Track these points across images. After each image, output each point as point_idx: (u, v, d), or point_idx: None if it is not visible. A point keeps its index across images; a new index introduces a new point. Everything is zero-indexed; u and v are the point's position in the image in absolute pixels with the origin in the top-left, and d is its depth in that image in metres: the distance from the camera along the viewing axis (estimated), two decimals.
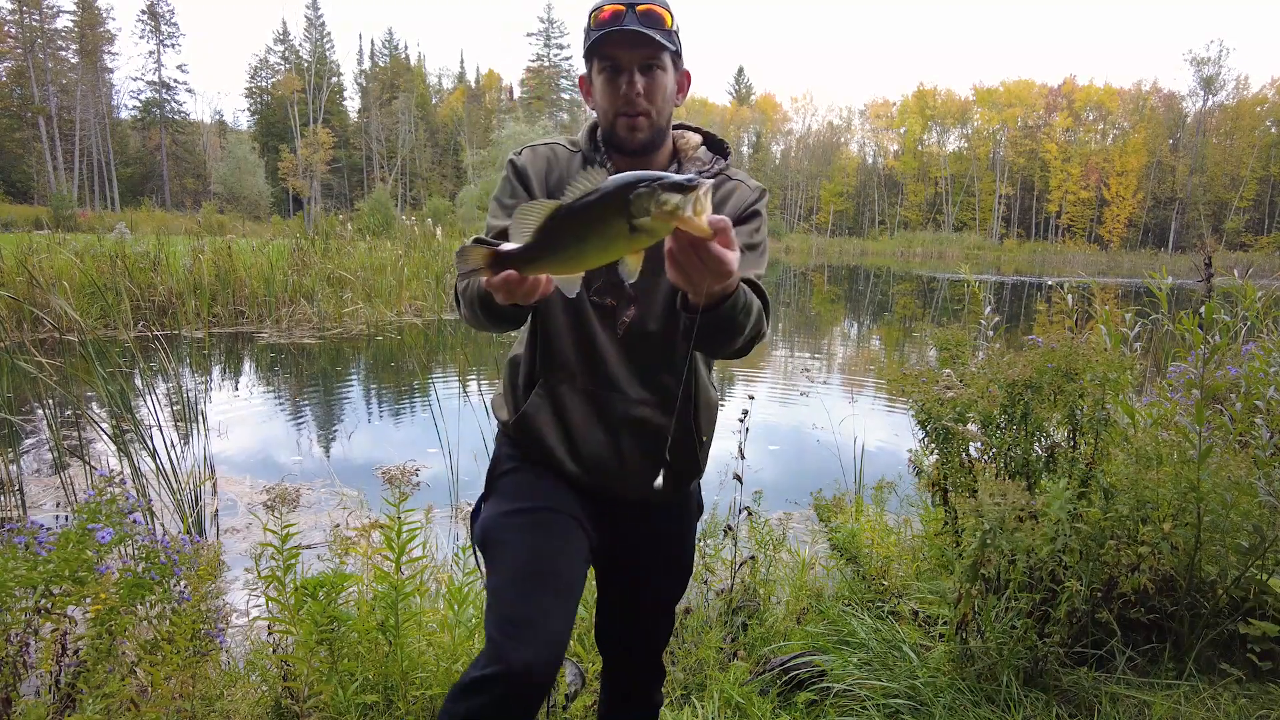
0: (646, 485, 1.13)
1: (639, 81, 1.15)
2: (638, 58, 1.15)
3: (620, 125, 1.19)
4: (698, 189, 0.75)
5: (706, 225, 0.77)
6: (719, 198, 1.24)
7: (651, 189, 0.75)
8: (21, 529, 1.58)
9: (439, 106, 64.15)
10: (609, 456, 1.25)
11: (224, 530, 3.48)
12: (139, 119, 52.63)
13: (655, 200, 0.75)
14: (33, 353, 3.70)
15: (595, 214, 0.78)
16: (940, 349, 2.53)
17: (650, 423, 1.25)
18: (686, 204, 0.75)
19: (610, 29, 1.13)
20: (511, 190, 1.25)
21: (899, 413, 5.48)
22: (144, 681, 1.72)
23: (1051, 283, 3.62)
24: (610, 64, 1.16)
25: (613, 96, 1.17)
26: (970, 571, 1.73)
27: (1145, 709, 1.73)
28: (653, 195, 0.75)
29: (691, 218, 0.75)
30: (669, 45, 1.16)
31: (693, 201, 0.75)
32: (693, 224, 0.75)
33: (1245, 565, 1.86)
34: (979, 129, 63.18)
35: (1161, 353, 3.08)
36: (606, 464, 1.25)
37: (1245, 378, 2.15)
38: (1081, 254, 45.48)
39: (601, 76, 1.18)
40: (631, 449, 1.25)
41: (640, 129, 1.18)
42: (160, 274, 9.09)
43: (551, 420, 1.25)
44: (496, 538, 1.21)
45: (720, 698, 1.91)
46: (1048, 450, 2.04)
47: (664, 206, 0.74)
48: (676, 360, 1.24)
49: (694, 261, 0.80)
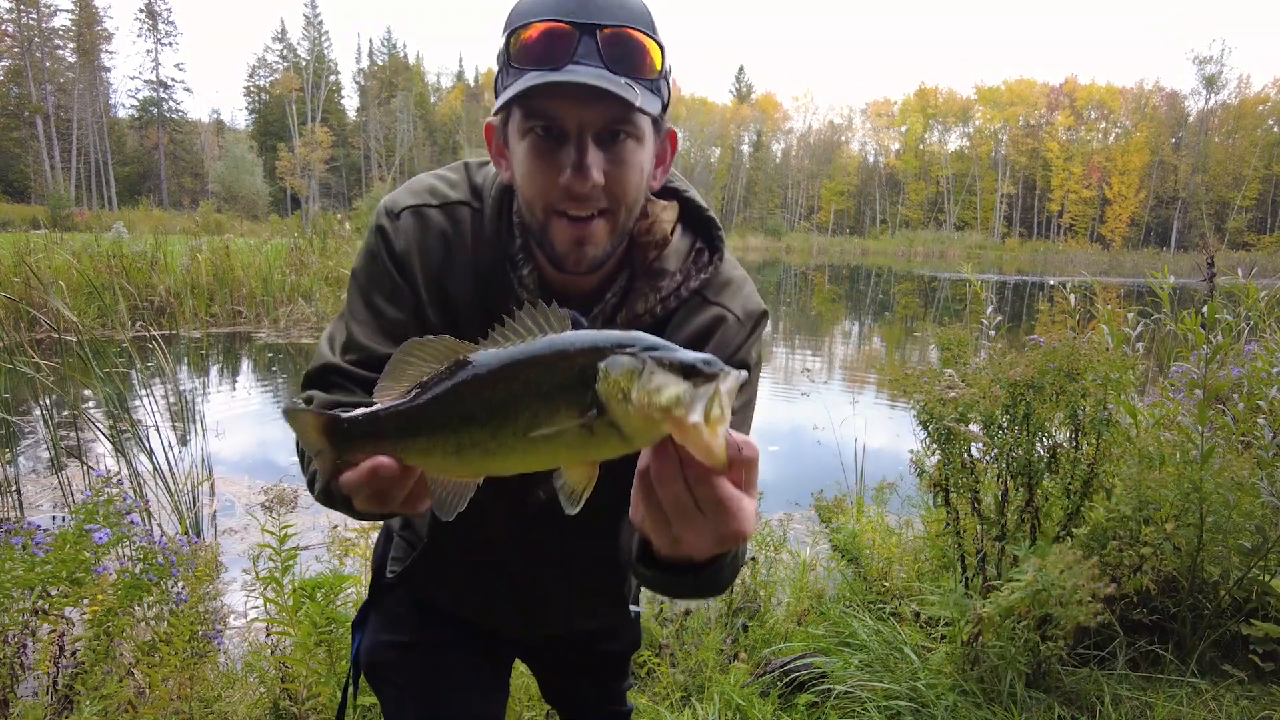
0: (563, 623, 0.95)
1: (596, 162, 0.69)
2: (596, 119, 0.69)
3: (558, 231, 0.72)
4: (720, 381, 0.44)
5: (722, 449, 0.44)
6: (689, 334, 0.81)
7: (640, 362, 0.45)
8: (19, 530, 1.57)
9: (438, 105, 64.12)
10: (509, 613, 0.99)
11: (222, 531, 3.47)
12: (136, 118, 52.61)
13: (643, 383, 0.44)
14: (30, 353, 3.69)
15: (532, 383, 0.47)
16: (942, 349, 2.52)
17: (560, 597, 0.97)
18: (696, 402, 0.44)
19: (550, 71, 0.66)
20: (386, 282, 0.80)
21: (900, 413, 5.47)
22: (142, 683, 1.71)
23: (1053, 282, 3.62)
24: (545, 126, 0.69)
25: (545, 181, 0.70)
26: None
27: (1147, 710, 1.72)
28: (640, 373, 0.45)
29: (699, 428, 0.43)
30: (649, 108, 0.70)
31: (707, 401, 0.44)
32: (698, 440, 0.44)
33: (1248, 566, 1.85)
34: (980, 128, 63.19)
35: (1164, 352, 3.07)
36: (507, 618, 1.00)
37: (1248, 378, 2.14)
38: (1084, 253, 45.44)
39: (527, 143, 0.71)
40: (538, 609, 0.99)
41: (591, 243, 0.72)
42: (158, 274, 9.08)
43: (429, 581, 0.97)
44: (384, 679, 1.01)
45: (721, 699, 1.90)
46: (1050, 450, 2.03)
47: (656, 398, 0.44)
48: (609, 563, 0.90)
49: (683, 503, 0.47)
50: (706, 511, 0.47)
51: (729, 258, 0.87)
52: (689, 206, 0.86)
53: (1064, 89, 61.61)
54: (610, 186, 0.71)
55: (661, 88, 0.74)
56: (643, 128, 0.73)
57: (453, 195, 0.83)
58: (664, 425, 0.45)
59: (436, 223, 0.81)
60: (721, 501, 0.46)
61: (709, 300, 0.84)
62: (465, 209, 0.82)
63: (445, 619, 1.00)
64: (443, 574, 0.96)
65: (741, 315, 0.84)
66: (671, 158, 0.82)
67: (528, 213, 0.75)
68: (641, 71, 0.70)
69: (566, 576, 0.95)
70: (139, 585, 1.67)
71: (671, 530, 0.49)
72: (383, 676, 1.01)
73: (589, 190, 0.70)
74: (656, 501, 0.48)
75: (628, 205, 0.74)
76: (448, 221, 0.81)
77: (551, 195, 0.71)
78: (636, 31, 0.70)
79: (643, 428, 0.45)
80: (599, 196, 0.71)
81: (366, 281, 0.82)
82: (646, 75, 0.71)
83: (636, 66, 0.70)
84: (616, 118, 0.70)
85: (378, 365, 0.73)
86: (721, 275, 0.85)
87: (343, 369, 0.79)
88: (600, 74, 0.67)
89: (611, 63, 0.68)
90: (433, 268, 0.80)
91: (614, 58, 0.68)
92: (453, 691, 0.98)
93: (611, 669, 1.14)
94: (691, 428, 0.43)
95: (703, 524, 0.47)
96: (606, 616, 1.05)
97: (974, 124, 63.61)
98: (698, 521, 0.47)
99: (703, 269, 0.83)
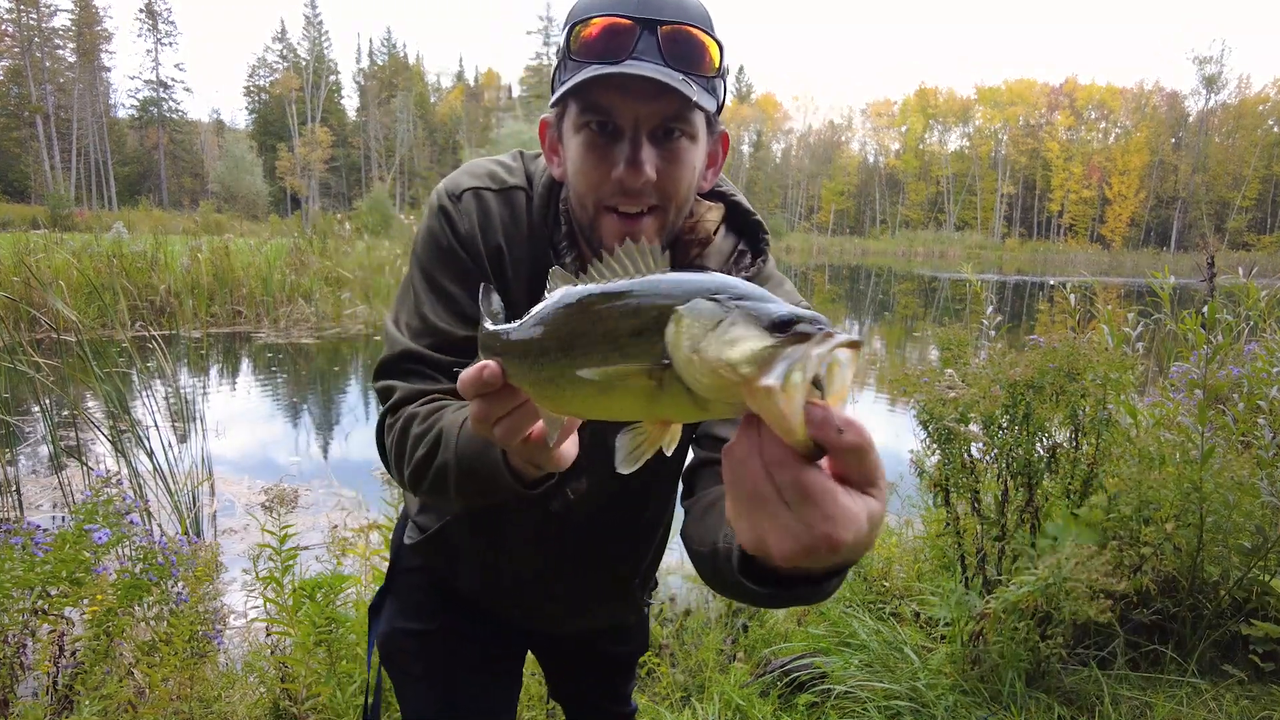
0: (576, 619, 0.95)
1: (650, 159, 0.69)
2: (652, 116, 0.69)
3: (607, 227, 0.72)
4: (814, 343, 0.35)
5: (799, 423, 0.35)
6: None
7: (724, 310, 0.38)
8: (18, 530, 1.57)
9: (438, 105, 64.14)
10: (520, 606, 0.98)
11: (222, 531, 3.47)
12: (136, 118, 52.63)
13: (719, 334, 0.37)
14: (30, 353, 3.69)
15: (603, 322, 0.43)
16: (942, 349, 2.52)
17: (571, 598, 0.97)
18: (777, 363, 0.35)
19: (609, 65, 0.66)
20: (453, 263, 0.78)
21: (900, 413, 5.47)
22: (142, 683, 1.71)
23: (1054, 282, 3.62)
24: (601, 121, 0.70)
25: (598, 176, 0.71)
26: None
27: (1147, 710, 1.72)
28: (719, 323, 0.37)
29: (773, 393, 0.35)
30: (705, 105, 0.69)
31: (790, 363, 0.35)
32: (771, 409, 0.35)
33: (1248, 566, 1.85)
34: (981, 128, 63.23)
35: (1164, 353, 3.07)
36: (517, 611, 0.99)
37: (1248, 378, 2.14)
38: (1084, 253, 45.50)
39: (581, 137, 0.71)
40: (549, 606, 0.98)
41: (643, 236, 0.71)
42: (158, 274, 9.07)
43: (444, 565, 0.97)
44: (401, 666, 1.00)
45: (721, 700, 1.90)
46: (1049, 450, 2.03)
47: (726, 352, 0.36)
48: (626, 567, 0.93)
49: (762, 490, 0.38)
50: (792, 504, 0.38)
51: (773, 262, 0.86)
52: (737, 210, 0.85)
53: (1064, 89, 61.65)
54: (662, 183, 0.71)
55: (718, 87, 0.74)
56: (697, 126, 0.72)
57: (510, 180, 0.83)
58: (738, 388, 0.37)
59: (495, 206, 0.81)
60: (808, 493, 0.37)
61: None
62: (521, 194, 0.82)
63: (461, 605, 0.99)
64: (456, 560, 0.96)
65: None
66: (723, 160, 0.81)
67: (578, 207, 0.75)
68: (700, 68, 0.70)
69: (580, 577, 0.93)
70: (139, 585, 1.66)
71: (749, 523, 0.40)
72: (399, 664, 1.01)
73: (641, 185, 0.70)
74: (744, 496, 0.40)
75: (678, 204, 0.74)
76: (505, 205, 0.81)
77: (603, 190, 0.71)
78: (695, 29, 0.69)
79: (712, 387, 0.38)
80: (650, 193, 0.71)
81: (432, 264, 0.80)
82: (704, 73, 0.70)
83: (695, 63, 0.69)
84: (672, 114, 0.70)
85: (455, 349, 0.76)
86: (762, 275, 0.84)
87: (421, 354, 0.77)
88: (659, 69, 0.67)
89: (671, 59, 0.68)
90: (494, 249, 0.80)
91: (673, 54, 0.68)
92: (468, 682, 0.98)
93: (619, 669, 1.15)
94: (763, 392, 0.35)
95: (787, 520, 0.38)
96: (618, 618, 1.05)
97: (974, 124, 63.65)
98: (781, 516, 0.38)
99: (744, 270, 0.82)
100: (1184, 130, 57.65)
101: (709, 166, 0.79)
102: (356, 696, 1.74)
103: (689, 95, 0.67)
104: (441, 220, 0.80)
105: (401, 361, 0.78)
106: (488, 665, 1.01)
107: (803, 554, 0.38)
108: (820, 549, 0.37)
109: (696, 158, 0.73)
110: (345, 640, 1.77)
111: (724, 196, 0.85)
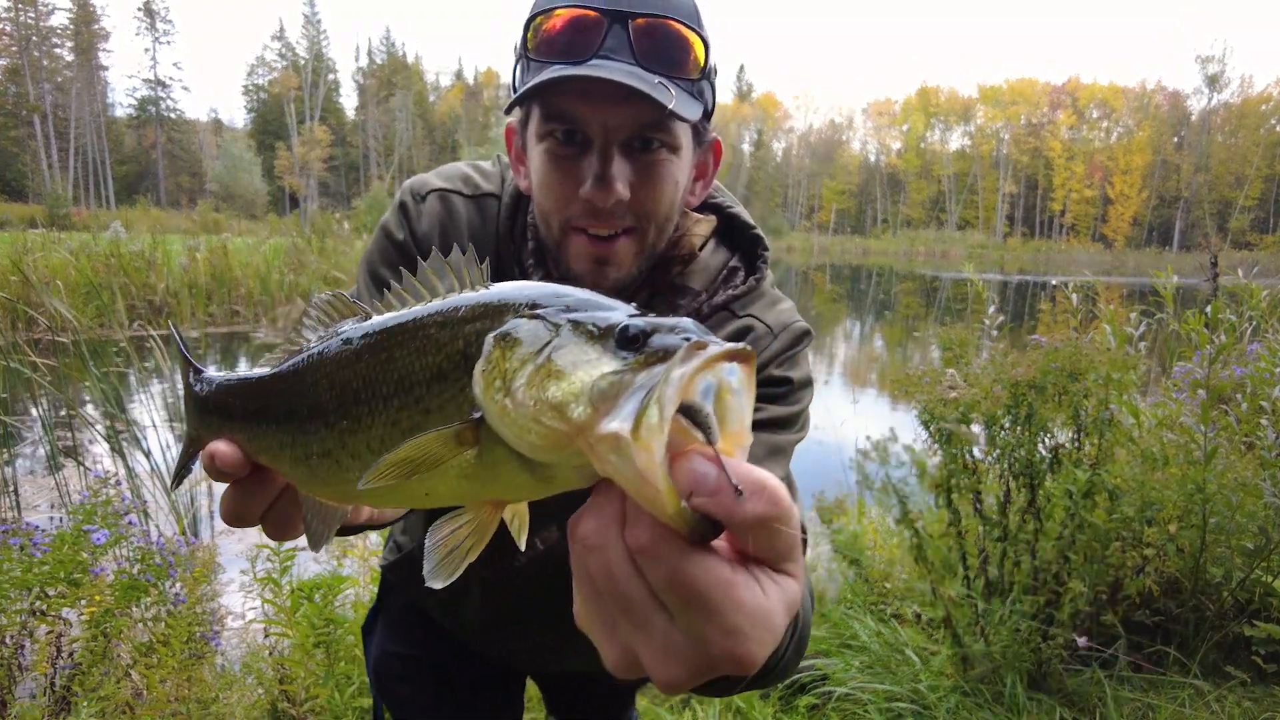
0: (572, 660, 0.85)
1: (622, 174, 0.58)
2: (623, 125, 0.58)
3: (576, 249, 0.63)
4: (676, 362, 0.25)
5: (665, 486, 0.24)
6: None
7: (550, 328, 0.28)
8: (16, 530, 1.57)
9: (437, 104, 64.11)
10: (497, 645, 0.89)
11: (219, 532, 3.46)
12: (134, 117, 52.62)
13: (542, 359, 0.27)
14: (27, 352, 3.68)
15: (401, 367, 0.31)
16: (944, 349, 2.51)
17: (547, 648, 0.87)
18: (623, 395, 0.25)
19: (572, 65, 0.56)
20: (398, 259, 0.71)
21: (901, 413, 5.46)
22: (139, 684, 1.70)
23: (1056, 282, 3.62)
24: (567, 130, 0.59)
25: (564, 194, 0.61)
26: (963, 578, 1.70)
27: (1150, 711, 1.71)
28: (543, 347, 0.27)
29: (621, 443, 0.24)
30: (684, 112, 0.58)
31: (646, 395, 0.24)
32: (624, 469, 0.24)
33: (1250, 567, 1.85)
34: (982, 127, 63.24)
35: (1167, 353, 3.06)
36: (498, 649, 0.90)
37: (1251, 378, 2.13)
38: (1086, 253, 45.53)
39: (544, 147, 0.61)
40: (523, 645, 0.89)
41: (615, 264, 0.62)
42: (155, 273, 9.07)
43: (416, 591, 0.89)
44: (393, 692, 0.95)
45: (721, 701, 1.89)
46: (1052, 451, 2.02)
47: (548, 386, 0.26)
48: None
49: (627, 590, 0.27)
50: (674, 611, 0.26)
51: (771, 280, 0.75)
52: (734, 223, 0.75)
53: (1066, 88, 61.66)
54: (638, 202, 0.60)
55: (704, 90, 0.63)
56: (680, 136, 0.62)
57: (485, 186, 0.76)
58: (573, 440, 0.25)
59: (465, 211, 0.73)
60: (694, 596, 0.25)
61: (735, 313, 0.70)
62: (495, 202, 0.74)
63: (445, 633, 0.94)
64: (426, 593, 0.87)
65: (774, 326, 0.70)
66: (715, 170, 0.70)
67: (544, 226, 0.65)
68: (680, 70, 0.59)
69: (548, 624, 0.83)
70: (136, 586, 1.66)
71: (610, 638, 0.28)
72: (391, 689, 0.98)
73: (612, 205, 0.59)
74: (591, 585, 0.27)
75: (659, 224, 0.63)
76: (475, 212, 0.74)
77: (570, 209, 0.61)
78: (676, 22, 0.58)
79: (540, 445, 0.25)
80: (624, 213, 0.61)
81: (380, 259, 0.73)
82: (686, 74, 0.60)
83: (674, 63, 0.59)
84: (648, 123, 0.58)
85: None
86: (755, 294, 0.73)
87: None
88: (630, 70, 0.56)
89: (645, 58, 0.57)
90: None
91: (648, 52, 0.57)
92: (460, 712, 0.95)
93: (615, 698, 1.12)
94: (607, 442, 0.23)
95: (667, 634, 0.26)
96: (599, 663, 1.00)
97: (976, 123, 63.66)
98: (658, 629, 0.26)
99: (733, 288, 0.71)
100: (1186, 129, 57.67)
101: (697, 179, 0.69)
102: (355, 698, 1.73)
103: (664, 102, 0.55)
104: (400, 216, 0.74)
105: None
106: (480, 694, 0.97)
107: (693, 678, 0.26)
108: (719, 669, 0.26)
109: (680, 171, 0.63)
110: (344, 641, 1.76)
111: (719, 209, 0.75)
